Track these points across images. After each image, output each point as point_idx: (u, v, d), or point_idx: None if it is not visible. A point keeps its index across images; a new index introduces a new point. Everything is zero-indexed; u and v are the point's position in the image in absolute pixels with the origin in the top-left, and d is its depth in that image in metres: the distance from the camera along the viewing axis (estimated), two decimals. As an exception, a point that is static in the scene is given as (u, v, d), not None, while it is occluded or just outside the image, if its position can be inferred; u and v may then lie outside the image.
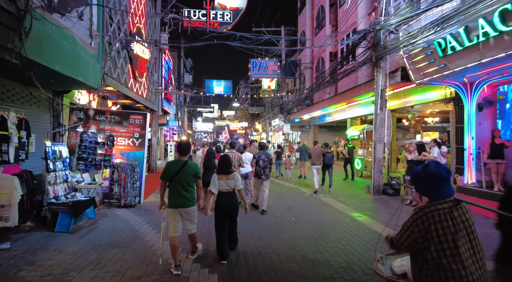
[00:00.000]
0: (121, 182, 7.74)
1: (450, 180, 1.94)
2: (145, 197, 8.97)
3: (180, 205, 4.04)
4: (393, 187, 9.19)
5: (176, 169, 4.06)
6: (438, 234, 1.82)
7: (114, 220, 6.58)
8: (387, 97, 9.30)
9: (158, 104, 15.85)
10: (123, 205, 7.74)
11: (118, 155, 8.27)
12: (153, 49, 14.92)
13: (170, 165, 4.18)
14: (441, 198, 1.90)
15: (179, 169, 4.05)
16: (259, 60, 19.58)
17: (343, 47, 15.11)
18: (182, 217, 4.12)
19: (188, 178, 4.06)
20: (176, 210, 4.06)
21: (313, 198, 9.25)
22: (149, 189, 10.40)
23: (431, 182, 1.93)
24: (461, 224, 1.84)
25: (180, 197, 4.03)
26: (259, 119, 40.81)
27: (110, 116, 8.23)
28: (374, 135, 9.43)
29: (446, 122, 18.31)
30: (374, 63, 9.24)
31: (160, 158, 24.41)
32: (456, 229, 1.82)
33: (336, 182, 12.34)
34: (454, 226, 1.83)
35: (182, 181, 4.03)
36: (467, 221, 1.87)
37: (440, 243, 1.82)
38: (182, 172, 4.04)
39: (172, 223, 4.09)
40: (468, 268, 1.80)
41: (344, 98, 13.43)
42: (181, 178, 4.03)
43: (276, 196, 9.48)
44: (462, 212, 1.88)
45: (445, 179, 1.91)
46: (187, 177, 4.06)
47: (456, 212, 1.86)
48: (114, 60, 9.05)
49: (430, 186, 1.94)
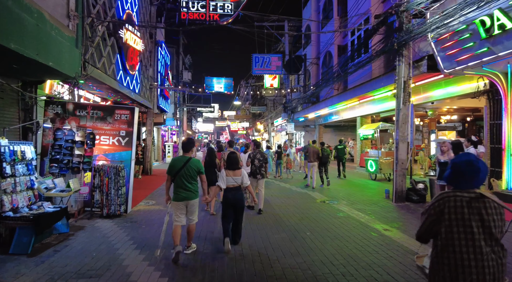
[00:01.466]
0: (104, 188, 6.59)
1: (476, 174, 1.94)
2: (133, 205, 7.82)
3: (186, 198, 4.42)
4: (418, 192, 8.01)
5: (181, 164, 4.41)
6: (450, 218, 1.89)
7: (91, 235, 5.42)
8: (411, 90, 8.13)
9: (154, 101, 14.71)
10: (106, 215, 6.58)
11: (101, 156, 7.12)
12: (147, 41, 13.79)
13: (175, 161, 4.53)
14: (463, 187, 1.95)
15: (183, 164, 4.40)
16: (262, 55, 18.43)
17: (354, 39, 13.96)
18: (186, 208, 4.47)
19: (192, 173, 4.42)
20: (181, 203, 4.43)
21: (327, 205, 8.09)
22: (140, 195, 9.25)
23: (457, 171, 1.97)
24: (477, 215, 1.86)
25: (185, 190, 4.41)
26: (261, 119, 39.67)
27: (92, 111, 7.08)
28: (396, 134, 8.26)
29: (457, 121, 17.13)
30: (396, 51, 8.07)
31: (157, 159, 23.28)
32: (471, 218, 1.86)
33: (350, 185, 11.20)
34: (469, 214, 1.87)
35: (187, 175, 4.40)
36: (487, 216, 1.86)
37: (450, 227, 1.89)
38: (186, 168, 4.40)
39: (177, 214, 4.44)
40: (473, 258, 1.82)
41: (356, 94, 12.27)
42: (185, 173, 4.39)
43: (284, 203, 8.32)
44: (483, 206, 1.87)
45: (472, 170, 1.93)
46: (191, 172, 4.42)
47: (476, 204, 1.88)
48: (99, 47, 7.91)
49: (455, 175, 1.98)
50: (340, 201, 8.55)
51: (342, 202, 8.42)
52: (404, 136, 8.15)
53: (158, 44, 14.99)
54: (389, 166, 12.11)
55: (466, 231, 1.84)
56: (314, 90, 15.96)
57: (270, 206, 7.83)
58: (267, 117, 34.98)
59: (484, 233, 1.84)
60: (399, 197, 8.10)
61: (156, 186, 11.33)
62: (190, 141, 4.74)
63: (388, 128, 12.17)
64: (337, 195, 9.54)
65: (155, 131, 23.26)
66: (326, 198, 8.99)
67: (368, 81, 11.14)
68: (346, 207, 7.78)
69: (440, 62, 7.29)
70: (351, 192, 9.94)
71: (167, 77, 16.99)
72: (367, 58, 10.36)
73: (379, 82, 10.38)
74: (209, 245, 4.99)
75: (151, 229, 5.83)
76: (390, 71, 9.95)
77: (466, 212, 1.86)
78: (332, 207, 7.86)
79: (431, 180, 8.07)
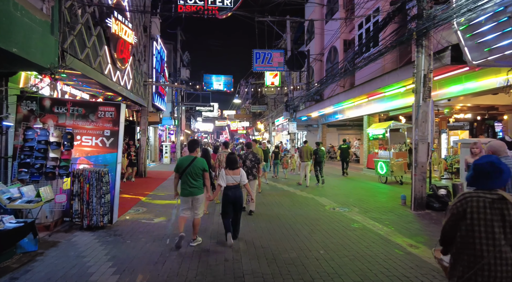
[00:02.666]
0: (84, 196, 5.72)
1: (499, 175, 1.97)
2: (121, 213, 6.96)
3: (191, 194, 4.83)
4: (440, 199, 7.15)
5: (187, 163, 4.84)
6: (472, 217, 1.93)
7: (63, 254, 4.56)
8: (431, 84, 7.26)
9: (148, 99, 13.83)
10: (87, 226, 5.72)
11: (83, 159, 6.27)
12: (141, 34, 12.92)
13: (181, 160, 4.97)
14: (485, 188, 1.99)
15: (189, 163, 4.83)
16: (263, 51, 17.55)
17: (362, 32, 13.07)
18: (191, 203, 4.89)
19: (197, 171, 4.83)
20: (187, 198, 4.86)
21: (338, 213, 7.23)
22: (130, 200, 8.38)
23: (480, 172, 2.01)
24: (499, 216, 1.90)
25: (190, 187, 4.81)
26: (261, 119, 38.81)
27: (73, 107, 6.22)
28: (415, 133, 7.40)
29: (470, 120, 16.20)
30: (416, 41, 7.21)
31: (154, 160, 22.41)
32: (493, 218, 1.90)
33: (359, 189, 10.31)
34: (491, 215, 1.91)
35: (192, 173, 4.80)
36: (509, 217, 1.88)
37: (471, 225, 1.93)
38: (192, 166, 4.81)
39: (184, 208, 4.90)
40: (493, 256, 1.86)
41: (364, 91, 11.40)
42: (191, 171, 4.80)
43: (291, 211, 7.45)
44: (505, 207, 1.90)
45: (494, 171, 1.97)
46: (196, 170, 4.82)
47: (499, 205, 1.91)
48: (82, 36, 7.04)
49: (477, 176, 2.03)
50: (352, 208, 7.69)
51: (354, 210, 7.56)
52: (424, 136, 7.29)
53: (153, 38, 14.11)
54: (400, 169, 11.26)
55: (487, 230, 1.90)
56: (318, 87, 15.07)
57: (276, 217, 6.97)
58: (268, 116, 34.12)
59: (505, 233, 1.88)
60: (418, 204, 7.24)
61: (150, 189, 10.47)
62: (195, 141, 5.26)
63: (400, 127, 11.31)
64: (347, 201, 8.68)
65: (152, 131, 22.40)
66: (336, 205, 8.14)
67: (379, 76, 10.26)
68: (359, 216, 6.92)
69: (467, 52, 6.43)
70: (362, 198, 9.08)
71: (163, 74, 16.11)
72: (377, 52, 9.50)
73: (392, 77, 9.50)
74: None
75: (136, 245, 4.97)
76: (405, 64, 9.07)
77: (488, 213, 1.92)
78: (344, 215, 7.00)
79: (455, 185, 7.21)
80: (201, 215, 5.01)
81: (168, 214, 7.08)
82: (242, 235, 5.55)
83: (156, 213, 7.23)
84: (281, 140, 30.89)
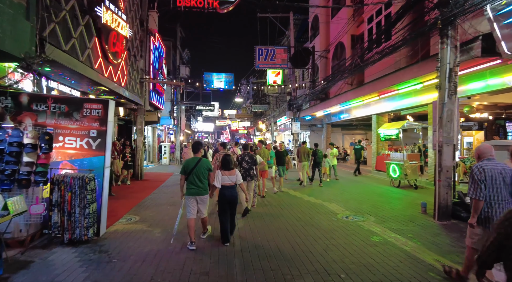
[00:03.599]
0: (65, 206, 4.97)
1: None
2: (111, 223, 6.22)
3: (196, 194, 5.03)
4: (468, 208, 6.36)
5: (193, 164, 5.07)
6: None
7: (33, 279, 3.81)
8: (458, 79, 6.50)
9: (145, 97, 13.08)
10: (69, 240, 4.97)
11: (66, 163, 5.52)
12: (137, 28, 12.17)
13: (188, 162, 5.19)
14: None
15: (195, 164, 5.07)
16: (266, 47, 16.77)
17: (372, 26, 12.30)
18: (197, 202, 5.07)
19: (203, 171, 5.08)
20: (193, 197, 5.04)
21: (352, 223, 6.47)
22: (123, 207, 7.64)
23: None
24: None
25: (196, 187, 5.03)
26: (263, 118, 38.02)
27: (54, 104, 5.47)
28: (439, 134, 6.63)
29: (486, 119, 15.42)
30: (440, 31, 6.45)
31: (152, 160, 21.67)
32: None
33: (371, 194, 9.52)
34: None
35: (198, 174, 5.04)
36: None
37: None
38: (198, 167, 5.06)
39: (189, 207, 5.02)
40: None
41: (376, 88, 10.63)
42: (197, 172, 5.04)
43: (299, 221, 6.69)
44: None
45: None
46: (202, 171, 5.08)
47: None
48: (66, 25, 6.28)
49: None
50: (367, 217, 6.93)
51: (369, 219, 6.80)
52: (449, 137, 6.52)
53: (150, 33, 13.36)
54: (414, 172, 10.49)
55: None
56: (324, 84, 14.30)
57: (285, 228, 6.21)
58: (270, 116, 33.34)
59: None
60: (443, 213, 6.47)
61: (146, 194, 9.72)
62: (199, 143, 5.61)
63: (414, 127, 10.54)
64: (360, 207, 7.92)
65: (150, 131, 21.65)
66: (349, 213, 7.38)
67: (393, 72, 9.49)
68: (377, 227, 6.16)
69: (502, 42, 5.67)
70: (376, 204, 8.32)
71: (161, 71, 15.36)
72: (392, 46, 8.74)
73: (408, 73, 8.71)
74: None
75: (123, 266, 4.22)
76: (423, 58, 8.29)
77: None
78: (360, 226, 6.23)
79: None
80: (206, 215, 5.29)
81: (164, 224, 6.33)
82: (246, 249, 4.82)
83: (150, 222, 6.48)
84: (283, 140, 30.13)
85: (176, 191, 10.18)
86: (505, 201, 3.31)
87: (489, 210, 3.34)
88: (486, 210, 3.35)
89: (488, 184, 3.31)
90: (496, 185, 3.31)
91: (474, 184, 3.38)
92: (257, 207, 7.92)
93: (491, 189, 3.31)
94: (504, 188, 3.31)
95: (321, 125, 21.83)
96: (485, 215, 3.36)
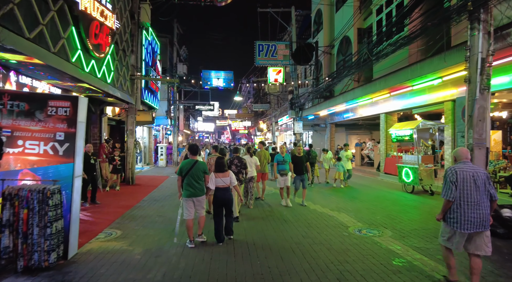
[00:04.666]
0: (19, 226, 4.06)
1: None
2: (85, 240, 5.32)
3: (193, 195, 5.16)
4: (507, 222, 5.42)
5: (189, 166, 5.20)
6: None
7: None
8: (491, 71, 5.56)
9: (137, 95, 12.16)
10: (24, 268, 4.06)
11: (26, 172, 4.62)
12: (127, 20, 11.25)
13: (184, 164, 5.29)
14: None
15: (191, 166, 5.19)
16: (267, 43, 15.84)
17: (381, 17, 11.34)
18: (194, 203, 5.22)
19: (198, 174, 5.21)
20: (190, 199, 5.17)
21: (368, 239, 5.54)
22: (105, 219, 6.71)
23: None
24: None
25: (193, 188, 5.15)
26: (264, 118, 37.14)
27: (11, 101, 4.57)
28: (468, 136, 5.69)
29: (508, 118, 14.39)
30: (469, 15, 5.51)
31: (148, 162, 20.77)
32: None
33: (384, 201, 8.56)
34: None
35: (194, 176, 5.17)
36: None
37: None
38: (194, 169, 5.18)
39: (187, 209, 5.18)
40: None
41: (388, 85, 9.67)
42: (193, 174, 5.17)
43: (305, 237, 5.75)
44: None
45: None
46: (198, 173, 5.20)
47: None
48: (31, 9, 5.37)
49: None
50: (383, 231, 6.01)
51: (385, 233, 5.88)
52: (481, 139, 5.59)
53: (142, 26, 12.44)
54: (430, 176, 9.55)
55: None
56: (330, 81, 13.35)
57: (289, 248, 5.28)
58: (271, 116, 32.44)
59: None
60: (474, 228, 5.52)
61: (135, 201, 8.80)
62: (195, 145, 5.64)
63: (429, 127, 9.59)
64: (373, 218, 7.00)
65: (146, 131, 20.78)
66: (361, 225, 6.47)
67: (409, 65, 8.52)
68: (397, 244, 5.23)
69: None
70: (391, 214, 7.39)
71: (155, 68, 14.44)
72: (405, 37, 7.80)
73: (427, 66, 7.75)
74: None
75: None
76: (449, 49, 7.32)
77: None
78: (377, 243, 5.30)
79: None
80: (203, 213, 5.37)
81: (148, 241, 5.42)
82: None
83: (132, 239, 5.56)
84: (285, 140, 29.21)
85: (168, 198, 9.33)
86: (474, 202, 3.49)
87: (458, 210, 3.54)
88: (456, 209, 3.55)
89: (459, 186, 3.52)
90: (467, 187, 3.51)
91: (447, 185, 3.61)
92: (258, 218, 7.02)
93: (462, 190, 3.52)
94: (474, 190, 3.50)
95: (325, 125, 20.90)
96: (454, 215, 3.56)
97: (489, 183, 3.56)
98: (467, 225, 3.45)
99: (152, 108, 14.67)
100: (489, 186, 3.54)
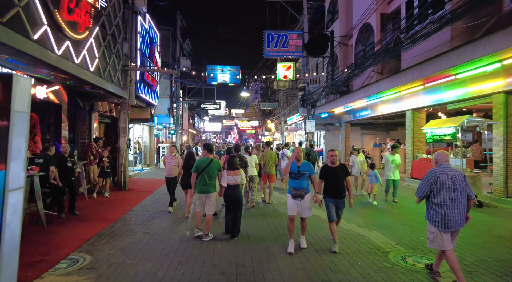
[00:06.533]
0: None
1: None
2: (40, 272, 3.89)
3: (205, 191, 5.43)
4: None
5: (205, 164, 5.46)
6: None
7: None
8: None
9: (130, 89, 10.78)
10: None
11: None
12: (118, 4, 9.84)
13: (200, 162, 5.54)
14: None
15: (207, 164, 5.46)
16: (277, 32, 14.32)
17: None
18: (205, 200, 5.48)
19: (213, 171, 5.48)
20: (202, 194, 5.46)
21: (419, 273, 4.00)
22: (78, 236, 5.21)
23: None
24: None
25: (205, 185, 5.41)
26: (272, 117, 35.64)
27: None
28: None
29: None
30: None
31: (149, 163, 19.44)
32: None
33: (422, 215, 6.98)
34: None
35: (209, 173, 5.44)
36: None
37: None
38: (209, 167, 5.44)
39: (198, 203, 5.53)
40: None
41: (424, 74, 7.99)
42: (208, 171, 5.43)
43: (334, 271, 4.23)
44: None
45: None
46: (213, 170, 5.47)
47: None
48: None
49: None
50: (435, 259, 4.44)
51: (442, 264, 4.31)
52: None
53: (137, 11, 11.05)
54: (475, 184, 7.93)
55: None
56: (348, 74, 11.76)
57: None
58: (279, 115, 30.91)
59: None
60: None
61: (122, 212, 7.38)
62: (210, 145, 5.97)
63: (476, 124, 7.95)
64: (416, 239, 5.47)
65: (146, 130, 19.49)
66: (403, 249, 4.97)
67: (455, 48, 6.86)
68: None
69: None
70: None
71: (153, 59, 13.04)
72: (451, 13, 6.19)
73: (483, 46, 6.11)
74: None
75: None
76: None
77: None
78: (424, 277, 3.76)
79: None
80: (212, 212, 5.55)
81: (121, 276, 3.96)
82: None
83: (101, 272, 4.11)
84: (294, 140, 27.64)
85: (161, 206, 7.91)
86: (454, 203, 3.67)
87: (441, 211, 3.69)
88: (439, 211, 3.71)
89: (439, 187, 3.71)
90: (446, 189, 3.69)
91: (424, 186, 3.80)
92: (268, 239, 5.53)
93: (442, 192, 3.70)
94: (453, 192, 3.68)
95: (339, 124, 19.28)
96: (439, 217, 3.71)
97: (466, 183, 3.74)
98: (449, 224, 3.64)
99: (150, 104, 13.28)
100: (466, 187, 3.73)
